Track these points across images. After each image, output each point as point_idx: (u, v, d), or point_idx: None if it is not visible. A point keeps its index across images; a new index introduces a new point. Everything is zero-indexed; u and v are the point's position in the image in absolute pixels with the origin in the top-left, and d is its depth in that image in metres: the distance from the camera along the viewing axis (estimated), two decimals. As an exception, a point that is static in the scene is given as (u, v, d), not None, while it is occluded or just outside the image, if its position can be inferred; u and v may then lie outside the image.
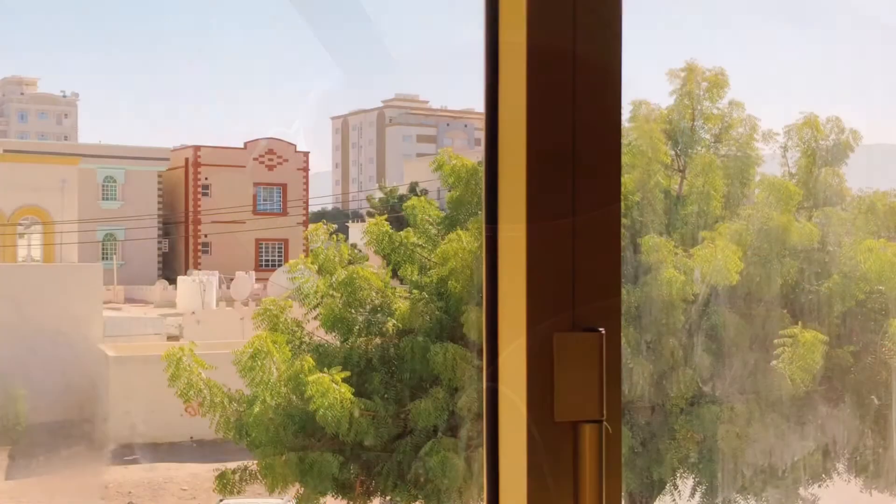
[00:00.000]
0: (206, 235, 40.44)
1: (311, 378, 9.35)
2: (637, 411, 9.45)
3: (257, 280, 28.77)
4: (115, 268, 32.90)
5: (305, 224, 39.00)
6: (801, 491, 9.64)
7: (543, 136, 1.36)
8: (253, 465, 10.28)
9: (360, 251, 11.87)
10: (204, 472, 15.80)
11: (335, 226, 11.46)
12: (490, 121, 1.41)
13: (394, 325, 10.25)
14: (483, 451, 1.38)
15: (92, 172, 36.24)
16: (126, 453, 17.76)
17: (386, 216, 13.02)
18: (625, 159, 9.58)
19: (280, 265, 30.84)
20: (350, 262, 10.74)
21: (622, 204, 1.50)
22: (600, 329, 1.35)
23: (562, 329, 1.34)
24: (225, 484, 10.59)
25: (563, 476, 1.33)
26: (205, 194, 40.93)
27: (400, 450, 9.66)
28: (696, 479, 9.74)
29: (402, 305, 10.27)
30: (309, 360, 9.70)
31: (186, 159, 40.93)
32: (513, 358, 1.35)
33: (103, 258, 33.63)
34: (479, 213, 10.19)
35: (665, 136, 10.28)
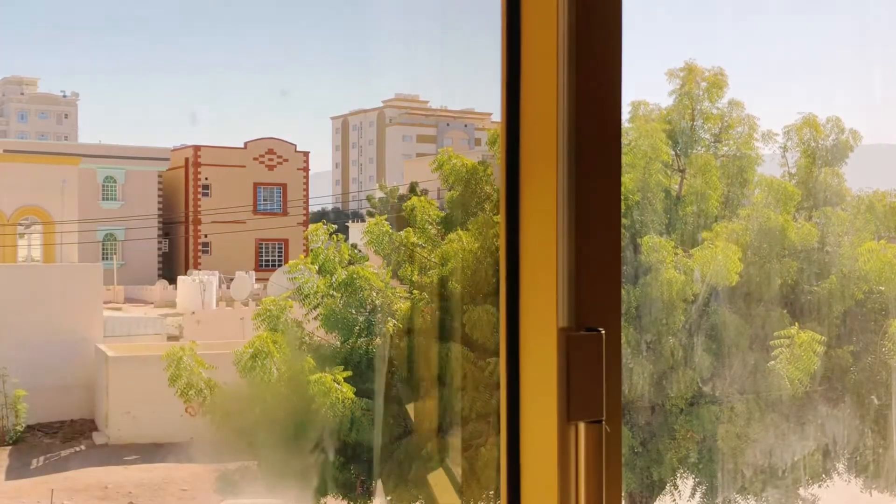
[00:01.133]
0: (206, 235, 40.44)
1: (312, 378, 9.36)
2: (637, 411, 9.45)
3: (257, 280, 28.75)
4: (116, 268, 32.91)
5: (305, 224, 38.96)
6: (801, 491, 9.64)
7: (567, 136, 1.36)
8: (253, 465, 10.28)
9: (360, 251, 11.86)
10: (204, 472, 15.80)
11: (335, 226, 11.46)
12: (509, 118, 1.40)
13: (394, 325, 10.26)
14: (502, 451, 1.37)
15: (92, 172, 36.23)
16: (126, 453, 17.76)
17: (386, 216, 13.02)
18: (625, 159, 9.59)
19: (280, 265, 30.82)
20: (350, 263, 10.74)
21: (622, 204, 1.50)
22: (600, 329, 1.35)
23: (569, 330, 1.35)
24: (225, 484, 10.60)
25: (568, 476, 1.33)
26: (205, 194, 40.93)
27: (401, 450, 9.66)
28: (697, 480, 9.74)
29: (402, 306, 10.27)
30: (309, 361, 9.70)
31: (186, 159, 40.93)
32: (538, 358, 1.35)
33: (103, 258, 33.64)
34: (479, 213, 10.19)
35: (665, 135, 10.28)
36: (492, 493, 8.75)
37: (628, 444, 9.13)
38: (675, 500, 9.84)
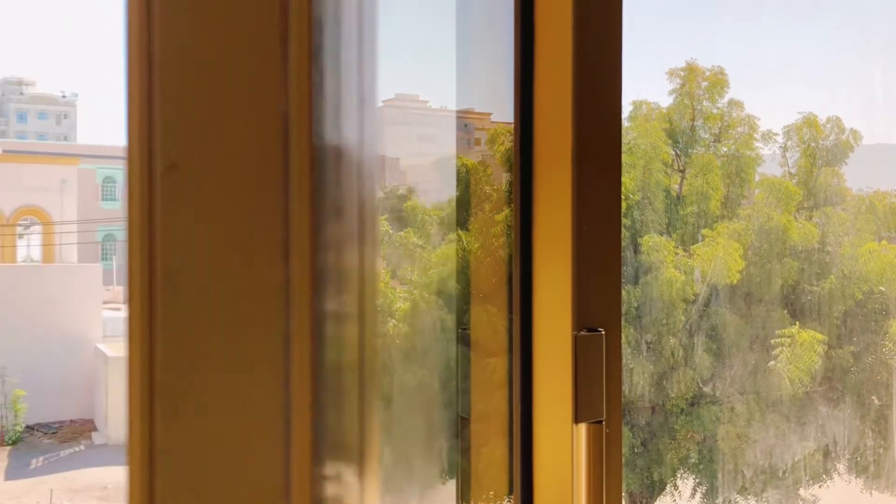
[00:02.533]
0: (206, 236, 40.34)
1: (311, 378, 9.37)
2: (637, 411, 9.45)
3: (257, 280, 28.68)
4: (115, 268, 32.92)
5: (305, 224, 38.91)
6: (802, 491, 9.64)
7: (581, 136, 1.36)
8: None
9: (360, 251, 11.84)
10: (204, 472, 15.77)
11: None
12: (523, 119, 1.39)
13: (394, 325, 10.25)
14: (515, 454, 1.37)
15: (91, 173, 36.26)
16: (125, 454, 17.73)
17: (386, 216, 13.02)
18: (625, 159, 9.60)
19: (280, 265, 30.73)
20: (350, 263, 10.74)
21: (623, 203, 1.51)
22: (600, 330, 1.35)
23: (573, 330, 1.35)
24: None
25: (574, 477, 1.33)
26: (205, 194, 40.83)
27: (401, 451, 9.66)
28: (697, 480, 9.74)
29: (402, 306, 10.27)
30: (309, 361, 9.71)
31: (186, 159, 40.87)
32: (551, 359, 1.35)
33: (103, 259, 33.66)
34: (479, 213, 10.19)
35: (666, 135, 10.29)
36: (492, 493, 8.74)
37: (629, 444, 9.13)
38: (675, 500, 9.84)
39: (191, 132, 0.73)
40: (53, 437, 18.94)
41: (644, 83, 11.00)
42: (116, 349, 19.64)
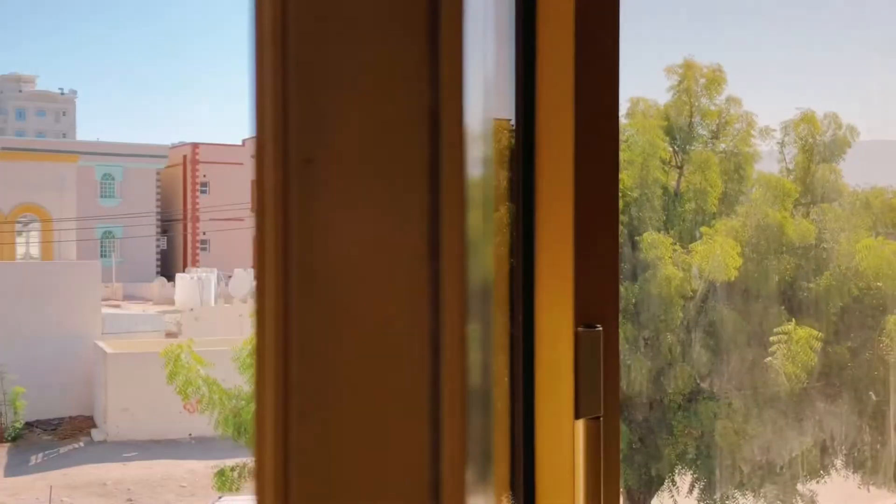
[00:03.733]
0: (204, 233, 40.42)
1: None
2: (635, 407, 9.47)
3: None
4: (114, 265, 32.92)
5: (304, 221, 38.80)
6: (800, 487, 9.66)
7: (583, 131, 1.36)
8: (252, 462, 10.31)
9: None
10: (203, 469, 15.81)
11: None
12: (525, 118, 1.39)
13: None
14: (518, 452, 1.37)
15: (90, 170, 36.22)
16: (124, 450, 17.77)
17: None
18: (623, 156, 9.61)
19: (278, 262, 30.73)
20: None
21: (620, 201, 1.52)
22: (598, 326, 1.36)
23: (573, 326, 1.35)
24: (224, 481, 10.61)
25: (574, 473, 1.34)
26: (203, 192, 40.92)
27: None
28: (695, 475, 9.76)
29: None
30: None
31: (185, 157, 40.91)
32: (553, 356, 1.35)
33: (102, 256, 33.64)
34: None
35: (663, 132, 10.29)
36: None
37: (627, 440, 9.14)
38: (673, 496, 9.86)
39: (329, 125, 0.69)
40: (53, 434, 18.95)
41: (642, 80, 10.99)
42: (115, 346, 19.65)
